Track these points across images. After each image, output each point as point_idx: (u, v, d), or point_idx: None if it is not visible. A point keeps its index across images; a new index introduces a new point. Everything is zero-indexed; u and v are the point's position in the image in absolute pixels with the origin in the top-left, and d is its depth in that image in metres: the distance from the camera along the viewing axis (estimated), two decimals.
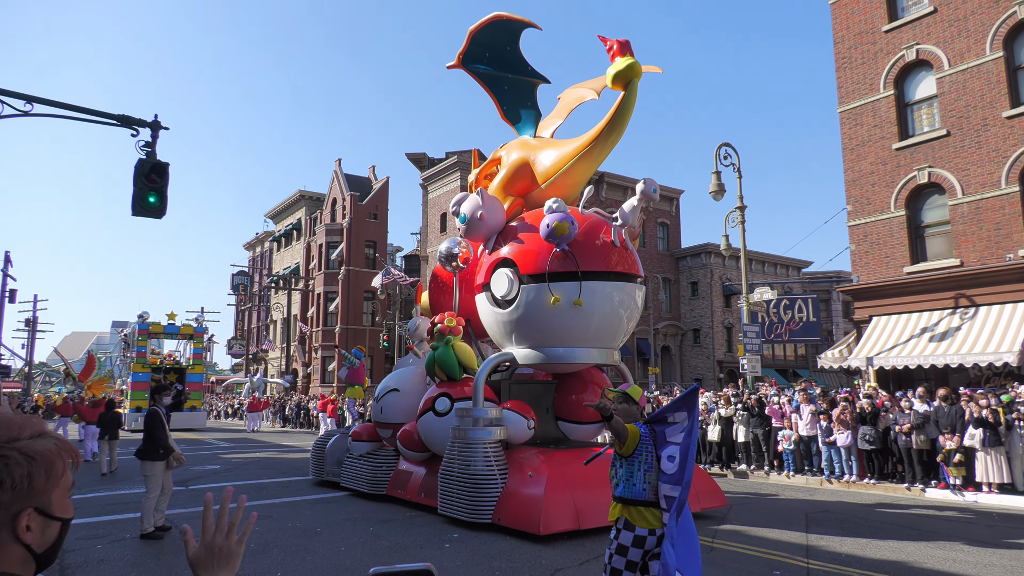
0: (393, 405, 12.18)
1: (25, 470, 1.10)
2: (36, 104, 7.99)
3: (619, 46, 9.93)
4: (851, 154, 19.56)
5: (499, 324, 10.96)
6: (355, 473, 12.58)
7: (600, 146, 10.90)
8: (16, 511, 1.09)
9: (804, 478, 14.64)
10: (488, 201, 11.19)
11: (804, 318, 24.02)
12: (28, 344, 48.48)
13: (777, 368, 43.92)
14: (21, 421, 1.16)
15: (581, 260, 10.04)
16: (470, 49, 12.34)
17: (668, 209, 46.34)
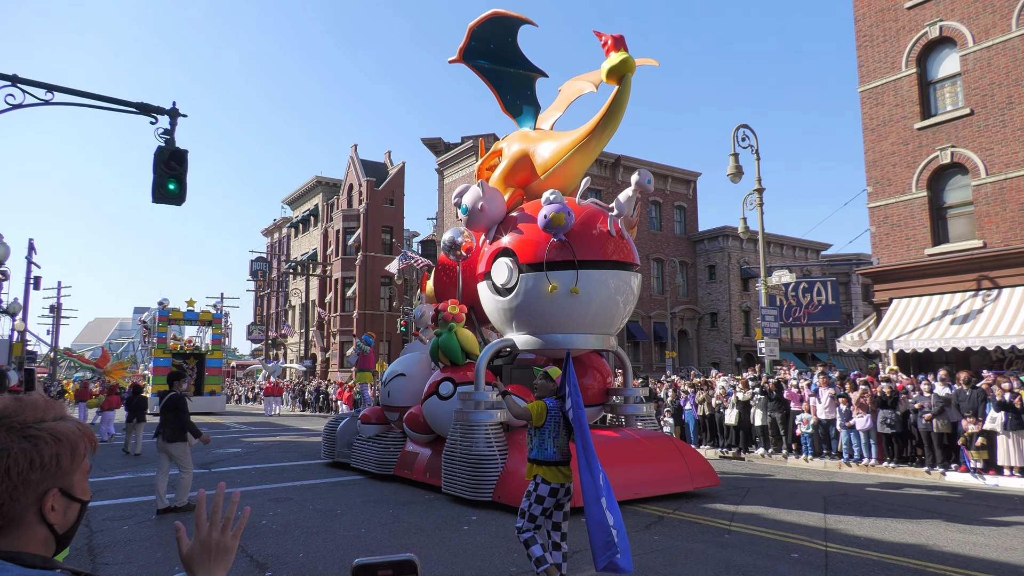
0: (400, 389, 12.67)
1: (53, 450, 1.13)
2: (57, 93, 8.07)
3: (613, 41, 10.27)
4: (872, 134, 19.25)
5: (500, 311, 11.36)
6: (364, 454, 13.09)
7: (596, 138, 11.28)
8: (43, 490, 1.12)
9: (822, 462, 14.59)
10: (488, 192, 11.54)
11: (823, 301, 23.79)
12: (53, 330, 49.32)
13: (795, 352, 43.62)
14: (45, 404, 1.20)
15: (578, 249, 10.40)
16: (470, 44, 12.76)
17: (685, 192, 45.97)
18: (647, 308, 42.93)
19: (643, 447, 10.87)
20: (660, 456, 10.76)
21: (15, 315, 30.16)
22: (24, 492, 1.10)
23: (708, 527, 8.45)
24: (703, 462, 11.15)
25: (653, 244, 43.73)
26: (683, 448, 11.39)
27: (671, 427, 17.96)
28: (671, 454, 10.92)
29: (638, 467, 10.37)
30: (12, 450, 1.10)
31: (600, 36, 10.45)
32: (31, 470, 1.10)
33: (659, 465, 10.60)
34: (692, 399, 17.70)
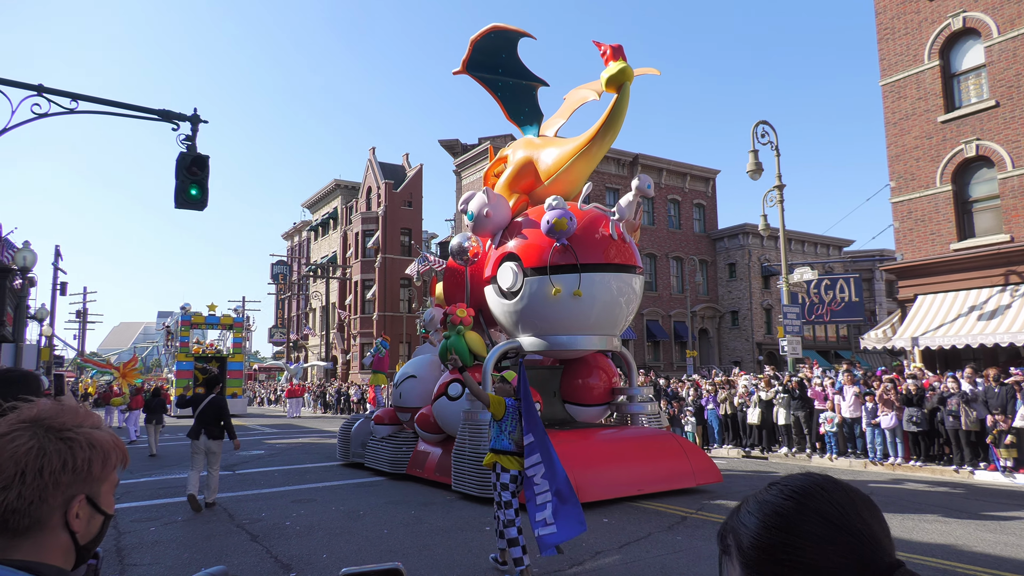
0: (411, 390, 13.06)
1: (86, 455, 1.14)
2: (81, 101, 8.21)
3: (612, 51, 10.57)
4: (894, 128, 18.99)
5: (506, 314, 11.75)
6: (377, 454, 13.47)
7: (598, 145, 11.59)
8: (71, 495, 1.12)
9: (847, 461, 14.41)
10: (493, 199, 11.91)
11: (846, 298, 23.51)
12: (79, 335, 50.17)
13: (818, 350, 43.13)
14: (84, 411, 1.20)
15: (580, 253, 10.73)
16: (472, 56, 13.17)
17: (704, 190, 45.67)
18: (667, 307, 42.70)
19: (646, 445, 11.10)
20: (663, 454, 10.96)
21: (43, 321, 30.70)
22: (53, 494, 1.10)
23: None
24: (706, 459, 11.42)
25: (672, 242, 43.49)
26: (686, 446, 11.60)
27: (693, 426, 17.85)
28: (674, 452, 11.08)
29: (641, 464, 10.59)
30: (48, 449, 1.10)
31: (599, 46, 10.72)
32: (63, 472, 1.10)
33: (662, 462, 10.81)
34: (714, 398, 17.57)
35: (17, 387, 2.74)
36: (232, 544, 7.75)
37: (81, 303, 49.99)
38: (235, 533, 8.32)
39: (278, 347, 66.52)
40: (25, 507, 1.08)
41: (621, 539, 7.81)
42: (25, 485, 1.08)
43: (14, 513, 1.07)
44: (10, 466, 1.08)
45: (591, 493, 9.45)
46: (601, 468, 10.06)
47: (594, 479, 9.69)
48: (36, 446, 1.10)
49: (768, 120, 19.16)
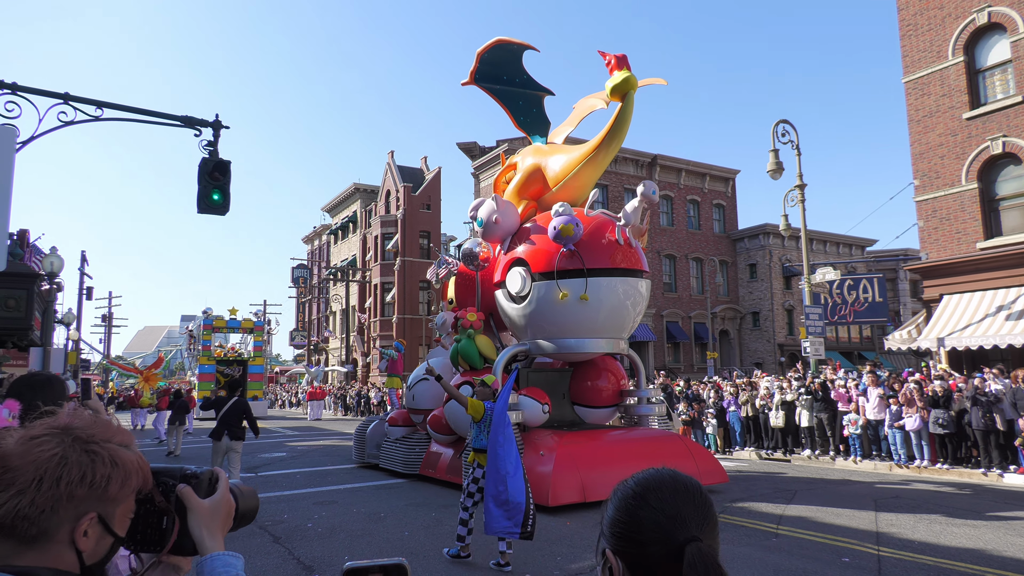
0: (423, 393, 13.27)
1: (107, 472, 1.11)
2: (106, 109, 8.35)
3: (616, 61, 10.86)
4: (918, 126, 18.72)
5: (515, 318, 12.08)
6: (392, 455, 13.78)
7: (603, 152, 11.84)
8: (83, 511, 1.09)
9: (872, 463, 14.21)
10: (502, 206, 12.26)
11: (869, 298, 23.20)
12: (105, 339, 50.94)
13: (841, 351, 42.58)
14: (117, 428, 1.19)
15: (587, 258, 11.00)
16: (480, 68, 13.58)
17: (724, 190, 45.32)
18: (687, 308, 42.42)
19: (652, 446, 11.33)
20: (669, 455, 11.06)
21: (69, 325, 31.22)
22: (65, 506, 1.07)
23: (754, 530, 8.29)
24: (712, 460, 11.67)
25: (691, 243, 43.21)
26: (692, 447, 11.87)
27: (714, 428, 17.70)
28: (680, 453, 11.26)
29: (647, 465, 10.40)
30: (70, 459, 1.09)
31: (604, 55, 11.01)
32: (79, 485, 1.08)
33: (668, 463, 10.58)
34: (736, 400, 17.42)
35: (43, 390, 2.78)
36: (255, 545, 7.82)
37: (106, 307, 50.77)
38: (258, 535, 8.39)
39: (299, 350, 67.03)
40: (36, 515, 1.05)
41: None
42: (40, 493, 1.06)
43: (24, 519, 1.05)
44: (30, 471, 1.06)
45: (599, 493, 9.68)
46: (607, 468, 10.29)
47: (600, 479, 9.95)
48: (59, 454, 1.09)
49: (789, 118, 19.00)
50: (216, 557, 1.27)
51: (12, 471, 1.07)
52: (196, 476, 1.31)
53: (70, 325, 31.45)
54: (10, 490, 1.05)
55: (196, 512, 1.28)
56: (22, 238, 17.39)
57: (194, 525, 1.27)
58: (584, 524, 8.74)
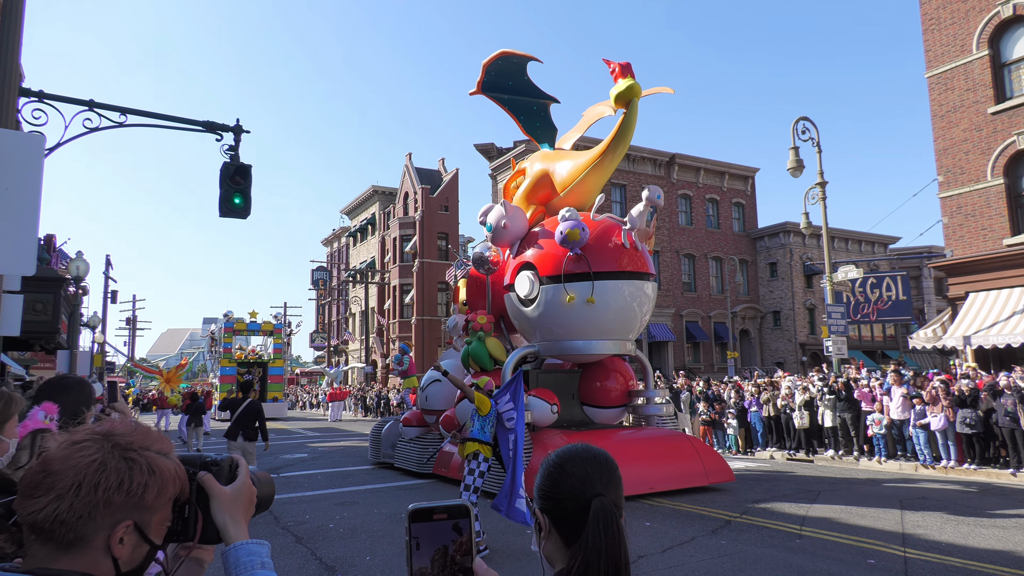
0: (436, 394, 13.58)
1: (143, 479, 1.12)
2: (130, 115, 8.47)
3: (620, 68, 11.11)
4: (941, 121, 18.44)
5: (524, 320, 12.38)
6: (406, 454, 14.08)
7: (609, 157, 12.12)
8: (119, 518, 1.10)
9: (897, 464, 14.01)
10: (511, 211, 12.54)
11: (893, 297, 22.88)
12: (129, 341, 51.68)
13: (864, 350, 42.05)
14: (155, 435, 1.20)
15: (593, 262, 11.25)
16: (486, 79, 14.02)
17: (743, 188, 44.97)
18: (707, 308, 42.13)
19: (659, 446, 11.50)
20: (676, 454, 11.34)
21: (95, 328, 31.72)
22: (103, 512, 1.08)
23: (778, 531, 8.22)
24: (719, 460, 11.82)
25: (711, 242, 42.91)
26: (699, 447, 12.01)
27: (735, 429, 17.56)
28: (687, 452, 11.47)
29: (654, 464, 10.97)
30: (108, 465, 1.10)
31: (609, 64, 11.29)
32: (117, 491, 1.09)
33: (675, 462, 11.19)
34: (757, 400, 17.26)
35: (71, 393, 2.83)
36: (277, 546, 7.89)
37: (131, 310, 51.50)
38: (280, 535, 8.46)
39: (319, 352, 67.54)
40: (74, 520, 1.06)
41: (664, 543, 7.72)
42: (78, 498, 1.06)
43: (62, 524, 1.06)
44: (70, 476, 1.07)
45: None
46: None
47: None
48: (99, 460, 1.09)
49: (809, 115, 18.82)
50: (241, 546, 1.27)
51: (53, 475, 1.08)
52: (217, 463, 1.31)
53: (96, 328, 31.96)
54: (50, 494, 1.07)
55: (218, 499, 1.27)
56: (48, 243, 17.70)
57: (217, 512, 1.27)
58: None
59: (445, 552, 1.07)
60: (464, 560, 1.08)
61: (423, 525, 1.09)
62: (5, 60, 5.13)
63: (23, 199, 3.41)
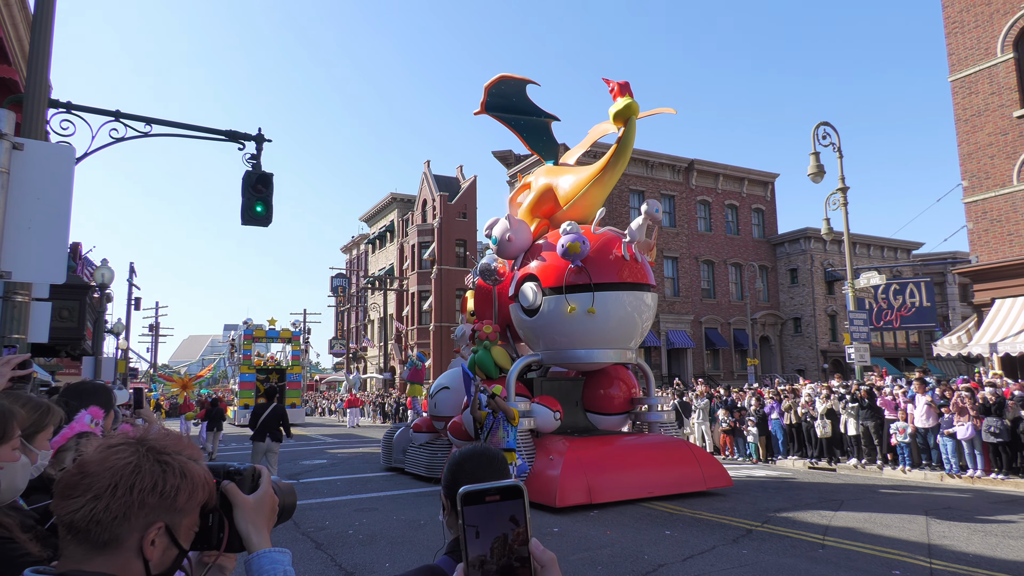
0: (445, 400, 14.04)
1: (176, 482, 1.15)
2: (155, 125, 8.62)
3: (619, 87, 11.56)
4: (965, 125, 18.20)
5: (528, 330, 12.80)
6: (416, 459, 14.46)
7: (610, 173, 12.54)
8: (152, 520, 1.13)
9: (922, 473, 13.79)
10: (514, 225, 12.96)
11: (916, 303, 22.56)
12: (152, 348, 52.36)
13: (887, 357, 41.48)
14: (185, 442, 1.23)
15: (594, 273, 11.62)
16: (488, 100, 14.61)
17: (763, 194, 44.65)
18: (726, 314, 41.83)
19: (657, 451, 11.81)
20: (674, 460, 11.67)
21: (119, 334, 32.17)
22: (137, 513, 1.11)
23: (800, 541, 8.12)
24: (717, 466, 12.06)
25: (730, 249, 42.63)
26: (698, 453, 12.36)
27: (755, 436, 17.38)
28: (686, 459, 11.79)
29: (654, 470, 11.32)
30: (143, 467, 1.13)
31: (608, 83, 11.75)
32: (151, 493, 1.12)
33: (674, 468, 11.50)
34: (778, 406, 17.08)
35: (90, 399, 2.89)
36: (298, 552, 7.93)
37: (153, 317, 52.20)
38: (300, 541, 8.52)
39: (338, 358, 67.93)
40: (109, 520, 1.09)
41: (684, 551, 7.66)
42: (115, 499, 1.09)
43: (98, 524, 1.09)
44: (107, 477, 1.11)
45: (603, 495, 10.46)
46: (613, 473, 10.91)
47: (606, 482, 10.64)
48: (134, 463, 1.13)
49: (830, 119, 18.67)
50: (263, 555, 1.29)
51: (90, 477, 1.11)
52: (240, 473, 1.32)
53: (119, 335, 32.42)
54: (87, 494, 1.10)
55: (241, 508, 1.29)
56: (74, 250, 18.02)
57: (240, 521, 1.29)
58: (624, 533, 8.67)
59: (504, 540, 1.07)
60: (521, 549, 1.07)
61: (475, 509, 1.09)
62: (35, 75, 5.25)
63: (54, 209, 3.48)
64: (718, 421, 18.67)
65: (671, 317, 39.78)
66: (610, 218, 37.98)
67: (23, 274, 3.49)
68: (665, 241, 40.47)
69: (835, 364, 39.33)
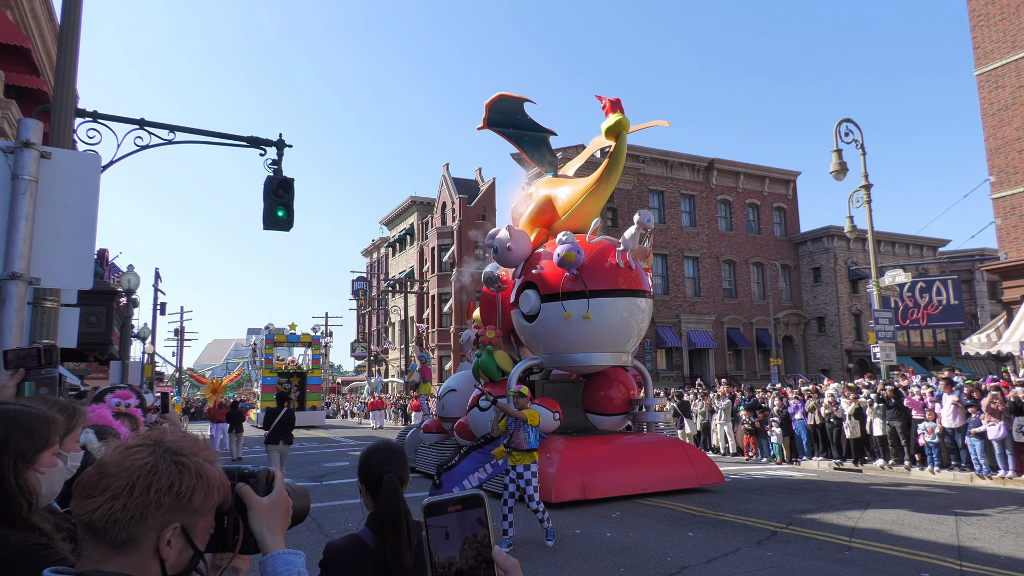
0: (452, 402, 14.69)
1: (192, 483, 1.16)
2: (178, 132, 8.74)
3: (611, 104, 12.16)
4: (992, 120, 17.88)
5: (528, 335, 13.39)
6: (426, 458, 15.10)
7: (604, 185, 13.20)
8: (168, 521, 1.14)
9: (951, 473, 13.55)
10: (515, 235, 13.53)
11: (943, 301, 22.19)
12: (177, 352, 53.10)
13: (914, 356, 40.84)
14: (202, 444, 1.25)
15: (590, 281, 12.17)
16: (490, 116, 15.43)
17: (784, 193, 44.20)
18: (748, 314, 41.45)
19: (651, 450, 12.39)
20: (669, 459, 12.23)
21: (145, 339, 32.67)
22: (153, 513, 1.12)
23: (826, 543, 8.02)
24: (709, 464, 12.63)
25: (751, 248, 42.26)
26: (691, 451, 12.93)
27: (779, 437, 17.20)
28: (679, 457, 12.36)
29: (647, 467, 11.85)
30: (160, 468, 1.15)
31: (600, 99, 12.38)
32: (167, 493, 1.13)
33: (667, 466, 12.05)
34: (802, 406, 16.88)
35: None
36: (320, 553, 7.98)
37: (179, 322, 52.92)
38: (323, 542, 8.56)
39: (360, 361, 68.37)
40: (126, 520, 1.11)
41: (707, 553, 7.60)
42: (132, 498, 1.11)
43: (115, 524, 1.10)
44: (124, 477, 1.13)
45: (597, 491, 10.95)
46: (608, 470, 11.43)
47: (601, 480, 11.16)
48: (151, 463, 1.15)
49: (852, 115, 18.54)
50: (278, 556, 1.31)
51: (108, 477, 1.14)
52: (254, 475, 1.34)
53: (146, 339, 32.93)
54: (105, 494, 1.12)
55: (256, 510, 1.31)
56: (101, 257, 18.34)
57: (255, 523, 1.30)
58: (646, 535, 8.62)
59: (474, 540, 1.11)
60: (486, 552, 1.11)
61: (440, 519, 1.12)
62: (63, 85, 5.36)
63: (81, 216, 3.55)
64: (741, 421, 18.49)
65: (692, 317, 39.51)
66: (629, 218, 37.82)
67: (52, 280, 3.57)
68: (686, 241, 40.22)
69: (860, 364, 38.80)
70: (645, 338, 37.36)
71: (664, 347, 38.32)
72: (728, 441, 19.18)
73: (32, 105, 10.10)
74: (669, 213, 39.94)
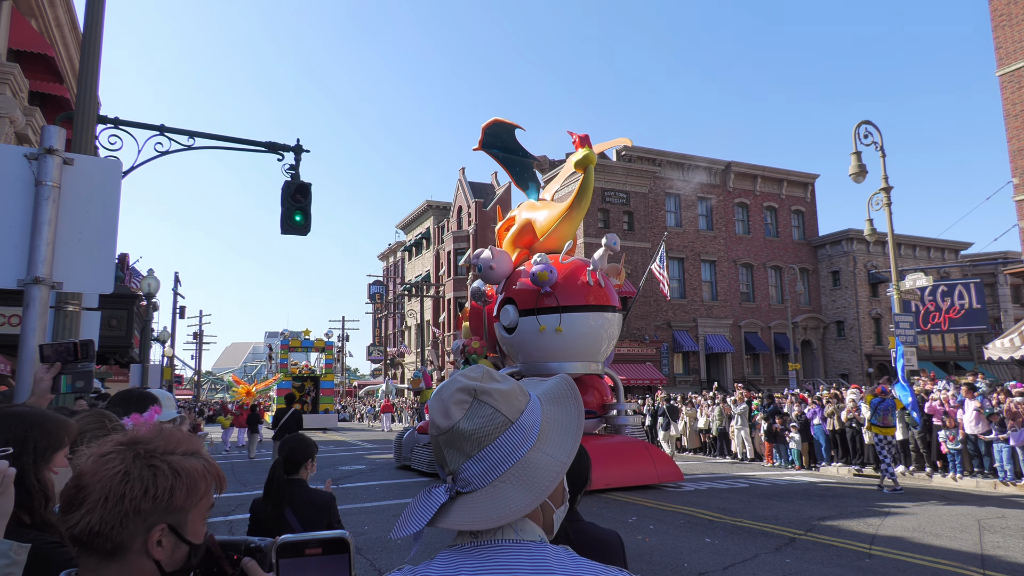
0: None
1: (168, 484, 1.15)
2: (197, 138, 8.85)
3: (580, 139, 13.75)
4: (1015, 120, 17.62)
5: (508, 345, 14.83)
6: (420, 458, 16.09)
7: (575, 211, 14.61)
8: (152, 523, 1.13)
9: (974, 481, 13.34)
10: (496, 255, 14.86)
11: (966, 305, 21.84)
12: (196, 355, 53.60)
13: (935, 361, 40.28)
14: (180, 437, 1.22)
15: (562, 298, 13.56)
16: (485, 139, 16.87)
17: (803, 195, 43.83)
18: (766, 318, 41.12)
19: (615, 450, 13.41)
20: (632, 458, 13.35)
21: (164, 342, 33.03)
22: (133, 520, 1.12)
23: (846, 550, 7.92)
24: (670, 464, 13.94)
25: (769, 251, 41.93)
26: (654, 452, 14.17)
27: (797, 443, 17.02)
28: (642, 457, 13.54)
29: (613, 466, 12.77)
30: (132, 475, 1.13)
31: (572, 135, 13.90)
32: (143, 499, 1.12)
33: (631, 464, 13.16)
34: (821, 411, 16.70)
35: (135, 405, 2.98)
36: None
37: (197, 325, 53.45)
38: None
39: (376, 364, 68.65)
40: (107, 531, 1.10)
41: (725, 560, 7.53)
42: (107, 510, 1.10)
43: (97, 536, 1.10)
44: (97, 489, 1.11)
45: None
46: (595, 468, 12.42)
47: None
48: (122, 471, 1.13)
49: (871, 117, 18.25)
50: None
51: (83, 490, 1.13)
52: (260, 550, 1.33)
53: (165, 343, 33.29)
54: (82, 508, 1.12)
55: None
56: (122, 261, 18.58)
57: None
58: (663, 540, 8.56)
59: None
60: None
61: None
62: (85, 93, 5.44)
63: (102, 221, 3.60)
64: (758, 427, 18.33)
65: (709, 321, 39.26)
66: (646, 221, 37.71)
67: (73, 284, 3.62)
68: (703, 244, 39.99)
69: (880, 368, 38.31)
70: (661, 342, 37.21)
71: (681, 351, 38.10)
72: (746, 446, 19.01)
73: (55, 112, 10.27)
74: (686, 216, 39.74)
